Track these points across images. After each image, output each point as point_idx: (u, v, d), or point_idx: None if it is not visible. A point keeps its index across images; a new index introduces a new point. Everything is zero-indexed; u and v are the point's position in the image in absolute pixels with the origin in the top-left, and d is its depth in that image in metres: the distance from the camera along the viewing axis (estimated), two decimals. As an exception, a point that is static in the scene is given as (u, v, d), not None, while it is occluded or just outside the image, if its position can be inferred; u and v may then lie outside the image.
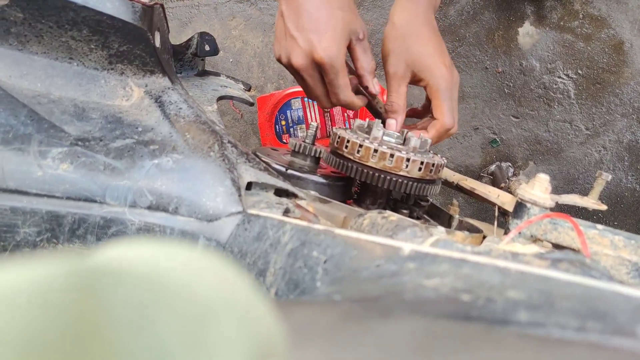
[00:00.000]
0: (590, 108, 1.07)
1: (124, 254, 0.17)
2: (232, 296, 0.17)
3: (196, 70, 0.85)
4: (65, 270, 0.14)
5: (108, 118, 0.59)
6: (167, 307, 0.15)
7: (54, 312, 0.13)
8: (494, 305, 0.28)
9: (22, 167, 0.52)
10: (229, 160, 0.58)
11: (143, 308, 0.14)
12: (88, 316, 0.13)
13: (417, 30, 0.76)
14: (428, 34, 0.76)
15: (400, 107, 0.74)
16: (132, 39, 0.59)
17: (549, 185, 0.63)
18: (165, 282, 0.16)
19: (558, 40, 1.07)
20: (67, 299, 0.13)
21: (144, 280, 0.15)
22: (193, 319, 0.15)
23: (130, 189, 0.54)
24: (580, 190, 1.08)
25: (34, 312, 0.13)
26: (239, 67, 1.26)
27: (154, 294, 0.15)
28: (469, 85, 1.13)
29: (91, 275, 0.14)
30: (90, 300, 0.14)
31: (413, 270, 0.36)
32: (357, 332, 0.21)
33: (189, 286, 0.16)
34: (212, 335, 0.15)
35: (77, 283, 0.14)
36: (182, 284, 0.16)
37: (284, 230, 0.49)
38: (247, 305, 0.17)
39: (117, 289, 0.14)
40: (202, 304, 0.16)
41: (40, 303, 0.13)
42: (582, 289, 0.30)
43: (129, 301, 0.14)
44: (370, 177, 0.64)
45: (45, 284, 0.13)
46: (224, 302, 0.16)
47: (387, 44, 0.75)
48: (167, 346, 0.14)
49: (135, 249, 0.17)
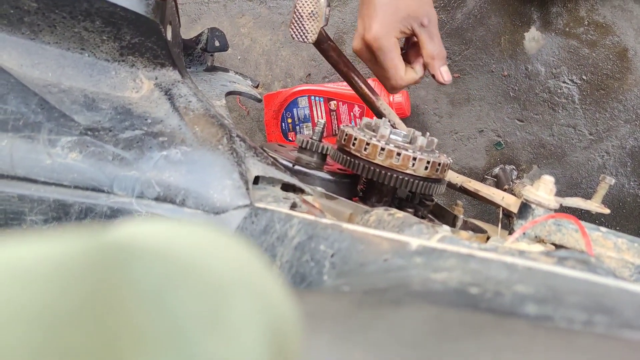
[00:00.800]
0: (594, 113, 1.07)
1: (141, 230, 0.17)
2: (248, 274, 0.17)
3: (205, 65, 0.85)
4: (82, 246, 0.14)
5: (118, 109, 0.59)
6: (184, 284, 0.15)
7: (71, 287, 0.13)
8: (502, 299, 0.28)
9: (31, 154, 0.52)
10: (237, 153, 0.58)
11: (160, 284, 0.14)
12: (105, 292, 0.13)
13: None
14: None
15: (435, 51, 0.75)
16: (144, 32, 0.60)
17: (553, 186, 0.63)
18: (182, 259, 0.16)
19: (563, 46, 1.07)
20: (84, 275, 0.13)
21: (160, 257, 0.15)
22: (210, 296, 0.15)
23: (138, 180, 0.55)
24: (583, 194, 1.08)
25: (51, 287, 0.13)
26: (247, 65, 1.26)
27: (170, 270, 0.15)
28: (474, 88, 1.13)
29: (108, 251, 0.14)
30: (107, 276, 0.14)
31: (421, 264, 0.36)
32: (369, 318, 0.22)
33: (206, 263, 0.16)
34: (229, 313, 0.15)
35: (94, 259, 0.14)
36: (199, 261, 0.16)
37: (291, 224, 0.50)
38: (262, 284, 0.17)
39: (134, 265, 0.14)
40: (218, 281, 0.16)
41: (58, 278, 0.13)
42: (589, 285, 0.30)
43: (146, 277, 0.14)
44: (377, 174, 0.65)
45: (62, 259, 0.14)
46: (241, 280, 0.17)
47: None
48: (184, 322, 0.14)
49: (152, 226, 0.18)
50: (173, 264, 0.15)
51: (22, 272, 0.13)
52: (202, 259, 0.16)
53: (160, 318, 0.13)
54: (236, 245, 0.18)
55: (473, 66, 1.13)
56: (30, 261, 0.13)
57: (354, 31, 1.19)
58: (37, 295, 0.12)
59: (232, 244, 0.18)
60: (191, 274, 0.15)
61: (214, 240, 0.17)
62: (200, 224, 0.18)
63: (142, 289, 0.14)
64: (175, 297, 0.14)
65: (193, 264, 0.16)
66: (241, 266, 0.17)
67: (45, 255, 0.13)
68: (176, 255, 0.15)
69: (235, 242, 0.18)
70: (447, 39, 1.14)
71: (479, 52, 1.12)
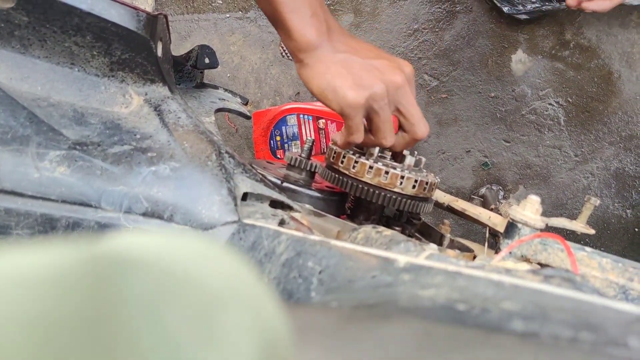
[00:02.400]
0: (579, 135, 1.09)
1: (135, 241, 0.17)
2: (240, 286, 0.17)
3: (195, 82, 0.86)
4: (76, 256, 0.14)
5: (107, 124, 0.59)
6: (177, 295, 0.15)
7: (65, 297, 0.13)
8: (489, 315, 0.28)
9: (19, 168, 0.52)
10: (226, 170, 0.58)
11: (154, 295, 0.14)
12: (99, 302, 0.13)
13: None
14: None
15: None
16: (135, 47, 0.60)
17: (539, 206, 0.64)
18: (175, 270, 0.16)
19: (549, 68, 1.09)
20: (78, 285, 0.13)
21: (154, 268, 0.15)
22: (202, 308, 0.15)
23: (126, 195, 0.55)
24: (569, 215, 1.10)
25: (45, 296, 0.13)
26: (236, 82, 1.27)
27: (164, 281, 0.15)
28: (461, 109, 1.15)
29: (102, 261, 0.15)
30: (102, 286, 0.14)
31: (408, 281, 0.37)
32: (357, 332, 0.22)
33: (198, 275, 0.16)
34: (221, 325, 0.15)
35: (88, 269, 0.14)
36: (192, 272, 0.16)
37: (279, 241, 0.50)
38: (254, 296, 0.17)
39: (128, 275, 0.14)
40: (211, 293, 0.16)
41: (52, 288, 0.13)
42: (575, 303, 0.30)
43: (140, 288, 0.14)
44: (365, 192, 0.65)
45: (56, 269, 0.14)
46: (233, 292, 0.17)
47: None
48: (177, 333, 0.14)
49: (146, 237, 0.18)
50: (167, 275, 0.15)
51: (16, 281, 0.13)
52: (195, 270, 0.16)
53: (154, 329, 0.13)
54: (228, 257, 0.18)
55: (460, 87, 1.14)
56: (25, 270, 0.13)
57: (343, 51, 1.20)
58: (31, 304, 0.12)
59: (223, 256, 0.18)
60: (184, 285, 0.15)
61: (206, 252, 0.17)
62: (193, 236, 0.18)
63: (136, 300, 0.14)
64: (169, 308, 0.14)
65: (186, 275, 0.16)
66: (233, 278, 0.17)
67: (39, 264, 0.14)
68: (170, 266, 0.16)
69: (226, 254, 0.18)
70: (436, 60, 1.15)
71: (467, 73, 1.14)
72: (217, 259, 0.18)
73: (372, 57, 0.63)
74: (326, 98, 0.62)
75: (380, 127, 0.63)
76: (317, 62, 0.61)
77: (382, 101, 0.61)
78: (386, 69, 0.62)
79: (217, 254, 0.18)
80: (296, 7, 0.59)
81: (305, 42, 0.60)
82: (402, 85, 0.62)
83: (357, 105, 0.61)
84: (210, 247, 0.18)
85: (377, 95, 0.61)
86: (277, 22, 0.61)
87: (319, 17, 0.60)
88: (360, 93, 0.60)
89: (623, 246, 1.07)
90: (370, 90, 0.60)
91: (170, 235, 0.18)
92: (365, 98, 0.60)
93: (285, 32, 0.61)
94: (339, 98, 0.61)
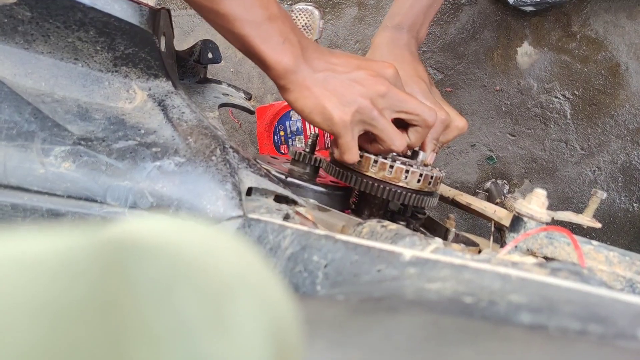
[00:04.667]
0: (585, 128, 1.08)
1: (145, 227, 0.17)
2: (250, 273, 0.17)
3: (198, 77, 0.85)
4: (87, 242, 0.14)
5: (111, 119, 0.59)
6: (188, 282, 0.15)
7: (76, 282, 0.13)
8: (496, 308, 0.28)
9: (24, 164, 0.52)
10: (230, 164, 0.58)
11: (164, 281, 0.14)
12: (109, 287, 0.13)
13: (395, 55, 0.77)
14: (404, 59, 0.76)
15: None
16: (138, 42, 0.60)
17: (545, 200, 0.64)
18: (186, 256, 0.16)
19: (556, 61, 1.08)
20: (89, 270, 0.13)
21: (165, 254, 0.15)
22: (213, 294, 0.15)
23: (131, 190, 0.54)
24: (575, 209, 1.09)
25: (56, 281, 0.13)
26: (240, 77, 1.27)
27: (175, 267, 0.15)
28: (467, 103, 1.14)
29: (113, 247, 0.15)
30: (112, 271, 0.14)
31: (414, 275, 0.36)
32: (364, 324, 0.21)
33: (209, 261, 0.16)
34: (230, 310, 0.15)
35: (98, 254, 0.14)
36: (202, 259, 0.16)
37: (284, 235, 0.50)
38: (264, 284, 0.17)
39: (139, 261, 0.14)
40: (221, 280, 0.16)
41: (62, 273, 0.13)
42: (582, 296, 0.30)
43: (151, 274, 0.14)
44: (370, 187, 0.65)
45: (67, 254, 0.14)
46: (243, 279, 0.17)
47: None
48: (187, 320, 0.14)
49: (156, 223, 0.18)
50: (177, 262, 0.15)
51: (26, 266, 0.13)
52: (205, 257, 0.16)
53: (164, 315, 0.13)
54: (238, 244, 0.18)
55: (465, 80, 1.14)
56: (34, 255, 0.13)
57: (347, 45, 1.20)
58: (40, 289, 0.12)
59: (233, 243, 0.18)
60: (195, 271, 0.15)
61: (217, 239, 0.17)
62: (202, 222, 0.18)
63: (146, 285, 0.14)
64: (179, 295, 0.14)
65: (197, 262, 0.16)
66: (243, 265, 0.17)
67: (49, 249, 0.14)
68: (180, 253, 0.16)
69: (235, 241, 0.18)
70: (440, 54, 1.15)
71: (472, 67, 1.13)
72: (227, 245, 0.18)
73: (352, 69, 0.62)
74: (313, 120, 0.62)
75: (382, 136, 0.63)
76: (298, 86, 0.61)
77: (371, 113, 0.61)
78: (366, 81, 0.62)
79: (226, 240, 0.18)
80: (267, 36, 0.59)
81: (283, 69, 0.60)
82: (387, 92, 0.62)
83: (344, 124, 0.61)
84: (219, 234, 0.18)
85: (363, 109, 0.61)
86: (251, 55, 0.61)
87: (291, 41, 0.60)
88: (346, 110, 0.61)
89: (629, 240, 1.07)
90: (354, 106, 0.61)
91: (180, 221, 0.18)
92: (351, 114, 0.61)
93: (262, 63, 0.60)
94: (325, 119, 0.61)
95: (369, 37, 1.18)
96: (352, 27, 1.20)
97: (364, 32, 1.19)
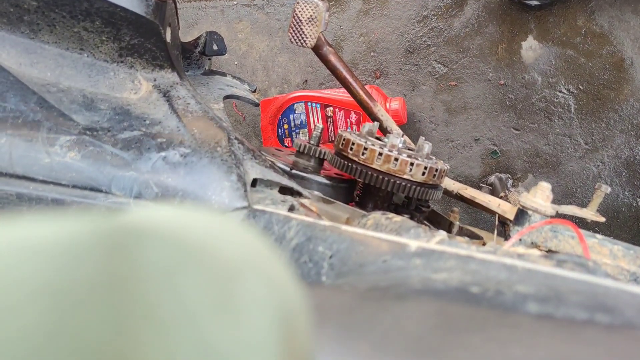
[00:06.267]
0: (589, 123, 1.08)
1: (151, 215, 0.17)
2: (257, 259, 0.17)
3: (203, 69, 0.85)
4: (93, 228, 0.14)
5: (116, 110, 0.59)
6: (194, 266, 0.15)
7: (82, 266, 0.13)
8: (503, 297, 0.28)
9: (30, 153, 0.52)
10: (235, 156, 0.58)
11: (170, 266, 0.14)
12: (115, 272, 0.13)
13: None
14: None
15: None
16: (144, 33, 0.60)
17: (550, 193, 0.64)
18: (192, 242, 0.16)
19: (560, 55, 1.08)
20: (96, 255, 0.13)
21: (171, 239, 0.15)
22: (219, 279, 0.15)
23: (136, 180, 0.55)
24: (578, 203, 1.09)
25: (62, 264, 0.13)
26: (244, 70, 1.26)
27: (181, 252, 0.15)
28: (471, 97, 1.14)
29: (119, 233, 0.14)
30: (118, 257, 0.14)
31: (420, 265, 0.36)
32: (373, 311, 0.22)
33: (215, 247, 0.16)
34: (238, 295, 0.15)
35: (105, 240, 0.14)
36: (209, 244, 0.16)
37: (289, 226, 0.50)
38: (271, 269, 0.17)
39: (146, 246, 0.14)
40: (228, 265, 0.16)
41: (69, 257, 0.13)
42: (589, 286, 0.30)
43: (157, 259, 0.14)
44: (374, 179, 0.65)
45: (74, 239, 0.14)
46: (250, 264, 0.17)
47: None
48: (194, 304, 0.14)
49: (161, 211, 0.18)
50: (183, 247, 0.15)
51: (32, 249, 0.13)
52: (212, 242, 0.16)
53: (171, 299, 0.13)
54: (244, 231, 0.18)
55: (470, 74, 1.13)
56: (39, 239, 0.13)
57: (351, 38, 1.20)
58: (47, 271, 0.12)
59: (240, 230, 0.18)
60: (201, 256, 0.15)
61: (224, 226, 0.17)
62: (208, 210, 0.18)
63: (153, 270, 0.14)
64: (186, 279, 0.14)
65: (203, 247, 0.16)
66: (250, 251, 0.17)
67: (54, 234, 0.13)
68: (187, 238, 0.16)
69: (243, 228, 0.18)
70: (445, 47, 1.14)
71: (476, 61, 1.13)
72: (233, 232, 0.18)
73: None
74: None
75: None
76: None
77: None
78: None
79: (233, 227, 0.18)
80: None
81: None
82: None
83: None
84: (226, 220, 0.18)
85: None
86: None
87: None
88: None
89: (633, 235, 1.06)
90: None
91: (186, 209, 0.18)
92: None
93: None
94: None
95: (373, 31, 1.18)
96: (356, 20, 1.19)
97: (369, 25, 1.19)
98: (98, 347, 0.12)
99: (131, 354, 0.12)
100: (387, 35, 1.18)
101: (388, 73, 1.19)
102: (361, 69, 1.20)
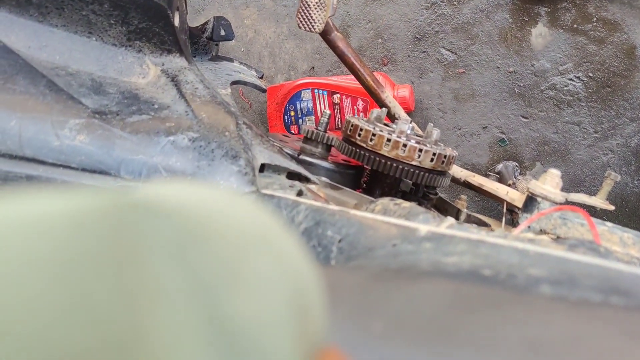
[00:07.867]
0: (599, 111, 1.07)
1: (161, 190, 0.17)
2: (269, 234, 0.17)
3: (210, 55, 0.85)
4: (103, 203, 0.14)
5: (125, 94, 0.59)
6: (205, 239, 0.15)
7: (91, 241, 0.13)
8: (516, 280, 0.28)
9: (39, 135, 0.52)
10: (243, 140, 0.58)
11: (180, 239, 0.14)
12: (125, 248, 0.13)
13: None
14: None
15: None
16: (152, 16, 0.59)
17: (559, 180, 0.63)
18: (202, 215, 0.16)
19: (570, 43, 1.07)
20: (105, 230, 0.13)
21: (180, 213, 0.15)
22: (231, 252, 0.15)
23: (145, 164, 0.55)
24: (587, 192, 1.08)
25: (70, 240, 0.13)
26: (250, 57, 1.26)
27: (190, 226, 0.15)
28: (479, 84, 1.13)
29: (129, 209, 0.14)
30: (128, 233, 0.13)
31: (430, 249, 0.36)
32: (386, 291, 0.21)
33: (227, 221, 0.16)
34: (250, 269, 0.15)
35: (115, 216, 0.14)
36: (220, 218, 0.16)
37: (298, 210, 0.50)
38: (283, 244, 0.17)
39: (154, 220, 0.14)
40: (239, 239, 0.16)
41: (77, 232, 0.13)
42: (602, 270, 0.30)
43: (166, 232, 0.14)
44: (382, 165, 0.64)
45: (82, 214, 0.13)
46: (261, 239, 0.16)
47: None
48: (205, 277, 0.14)
49: (172, 188, 0.17)
50: (193, 220, 0.15)
51: (42, 226, 0.13)
52: (223, 216, 0.16)
53: (181, 272, 0.13)
54: (256, 207, 0.18)
55: (478, 62, 1.13)
56: (49, 215, 0.13)
57: (359, 25, 1.19)
58: (55, 246, 0.12)
59: (252, 206, 0.18)
60: (212, 230, 0.15)
61: (234, 202, 0.17)
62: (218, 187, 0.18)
63: (162, 244, 0.14)
64: (196, 252, 0.14)
65: (214, 221, 0.16)
66: (262, 226, 0.17)
67: (66, 208, 0.13)
68: (196, 212, 0.15)
69: (255, 205, 0.18)
70: (453, 34, 1.13)
71: (485, 48, 1.12)
72: (246, 208, 0.17)
73: None
74: None
75: None
76: None
77: None
78: None
79: (245, 203, 0.18)
80: None
81: None
82: None
83: None
84: (237, 197, 0.18)
85: None
86: None
87: None
88: None
89: (641, 224, 1.06)
90: None
91: (197, 184, 0.18)
92: None
93: None
94: None
95: (381, 17, 1.17)
96: (364, 6, 1.18)
97: (376, 12, 1.18)
98: (110, 319, 0.12)
99: (144, 328, 0.12)
100: (395, 21, 1.17)
101: (396, 60, 1.18)
102: (368, 56, 1.19)
